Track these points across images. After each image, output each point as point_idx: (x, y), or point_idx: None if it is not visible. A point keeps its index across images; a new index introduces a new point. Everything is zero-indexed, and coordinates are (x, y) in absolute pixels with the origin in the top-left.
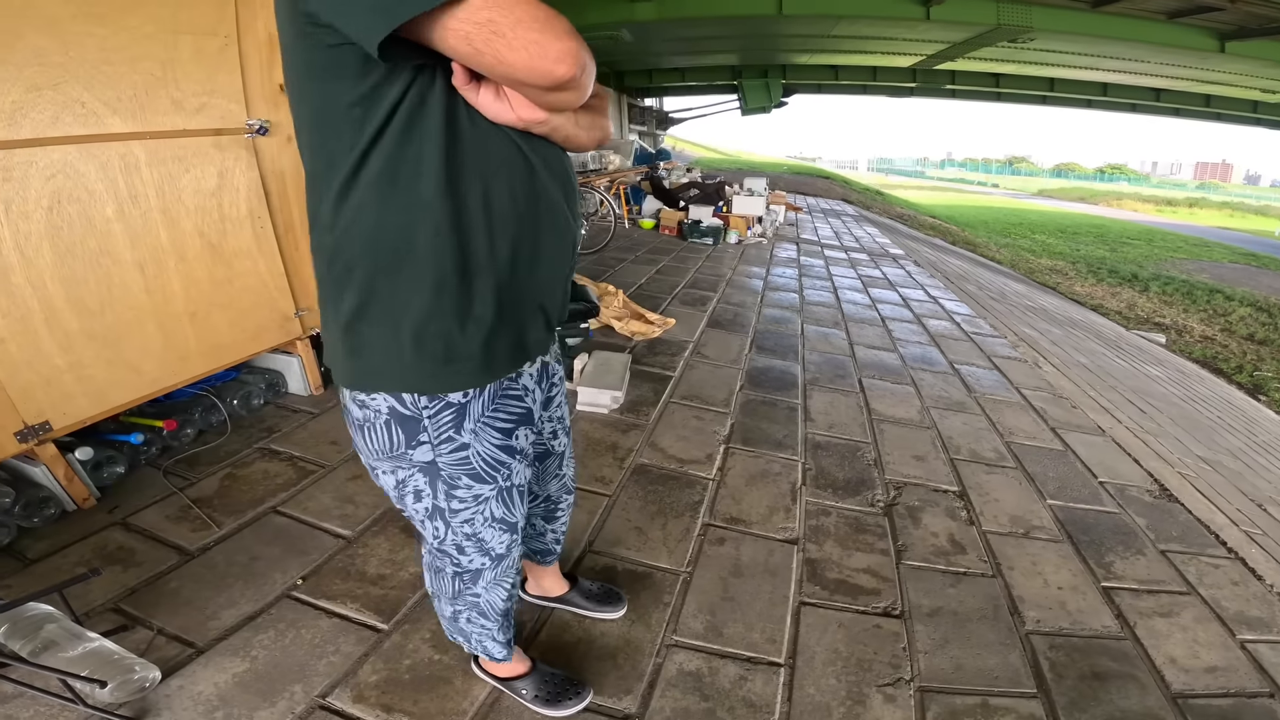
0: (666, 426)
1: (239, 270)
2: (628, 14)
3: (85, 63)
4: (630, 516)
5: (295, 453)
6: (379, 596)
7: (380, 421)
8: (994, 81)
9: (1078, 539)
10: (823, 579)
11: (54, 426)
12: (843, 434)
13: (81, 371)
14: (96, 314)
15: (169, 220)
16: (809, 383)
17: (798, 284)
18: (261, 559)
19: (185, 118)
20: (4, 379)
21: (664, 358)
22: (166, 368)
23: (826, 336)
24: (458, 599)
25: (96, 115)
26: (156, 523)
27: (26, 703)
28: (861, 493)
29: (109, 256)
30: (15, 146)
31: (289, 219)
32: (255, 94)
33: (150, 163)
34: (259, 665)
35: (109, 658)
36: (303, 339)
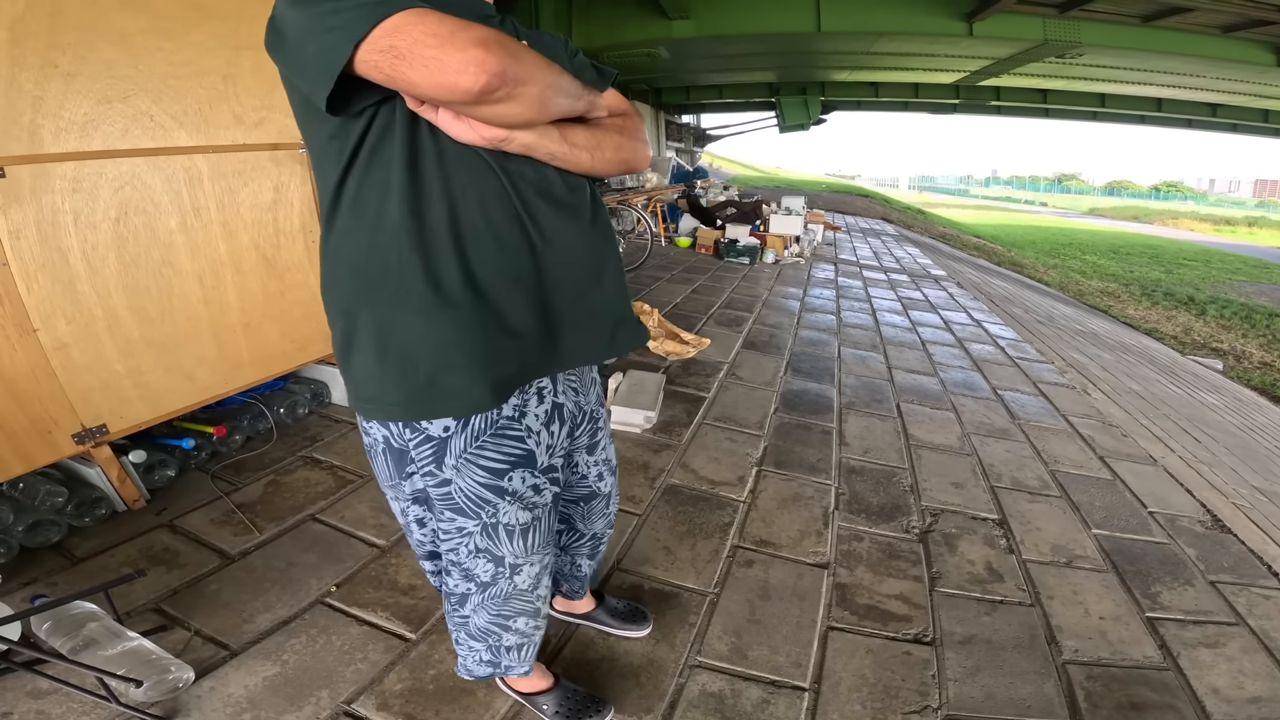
0: (699, 448)
1: (290, 283)
2: (665, 31)
3: (153, 76)
4: (659, 536)
5: (336, 462)
6: (408, 606)
7: (379, 450)
8: (1041, 97)
9: (1123, 569)
10: (852, 604)
11: (111, 430)
12: (878, 459)
13: (140, 378)
14: (157, 322)
15: (228, 233)
16: (845, 407)
17: (835, 305)
18: (298, 565)
19: (245, 132)
20: (65, 383)
21: (698, 378)
22: (219, 376)
23: (864, 360)
24: (450, 617)
25: (164, 128)
26: (201, 526)
27: (61, 699)
28: (896, 519)
29: (171, 267)
30: (86, 158)
31: None
32: None
33: (212, 176)
34: (289, 669)
35: (146, 657)
36: None
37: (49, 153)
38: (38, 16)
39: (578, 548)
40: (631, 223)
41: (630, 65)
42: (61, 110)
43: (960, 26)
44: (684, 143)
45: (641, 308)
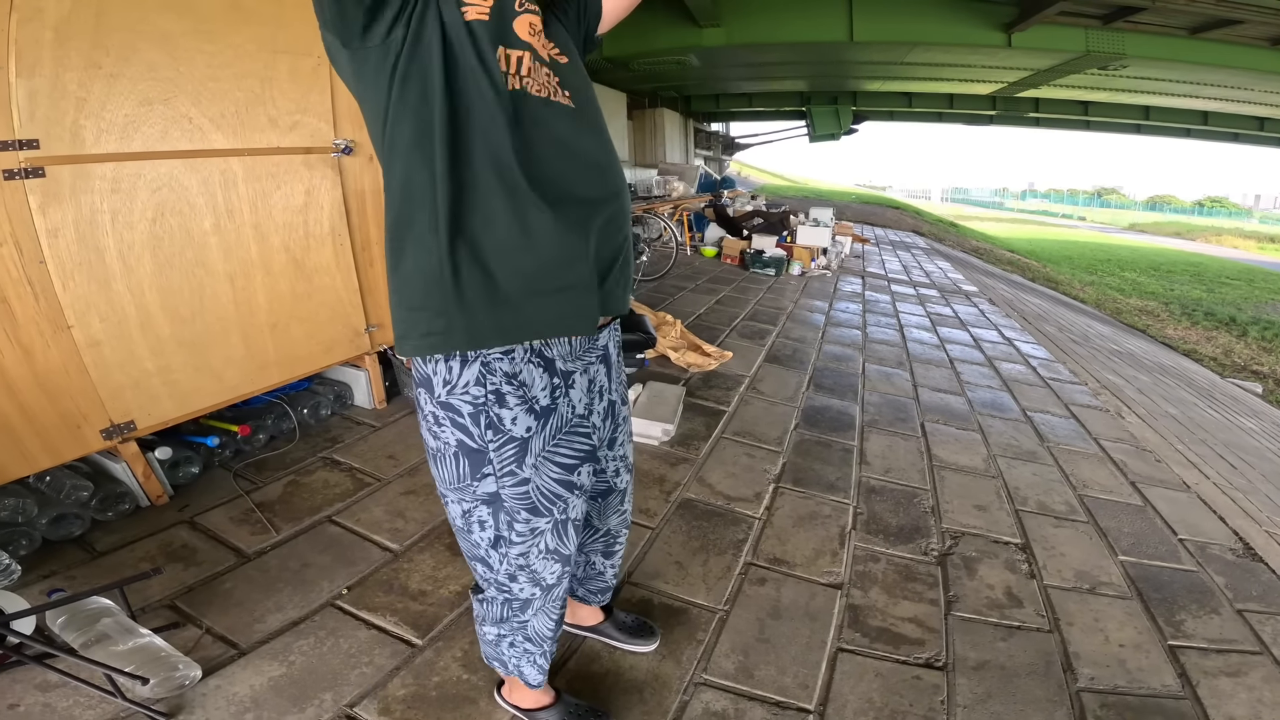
0: (716, 462)
1: (318, 285)
2: (695, 39)
3: (194, 79)
4: (672, 550)
5: (355, 464)
6: (417, 612)
7: (450, 453)
8: (1083, 109)
9: (1148, 596)
10: (864, 626)
11: (139, 426)
12: (899, 479)
13: (169, 375)
14: (188, 322)
15: (259, 235)
16: (867, 424)
17: (861, 320)
18: (312, 566)
19: (279, 135)
20: (97, 380)
21: (719, 391)
22: (246, 375)
23: (889, 377)
24: (503, 624)
25: (202, 130)
26: (221, 524)
27: (68, 693)
28: (915, 540)
29: (203, 268)
30: (126, 159)
31: (366, 237)
32: (342, 114)
33: (247, 178)
34: (295, 671)
35: (156, 654)
36: (371, 354)
37: (90, 153)
38: (83, 17)
39: (593, 544)
40: (657, 231)
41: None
42: (104, 111)
43: (999, 37)
44: (713, 151)
45: (664, 318)
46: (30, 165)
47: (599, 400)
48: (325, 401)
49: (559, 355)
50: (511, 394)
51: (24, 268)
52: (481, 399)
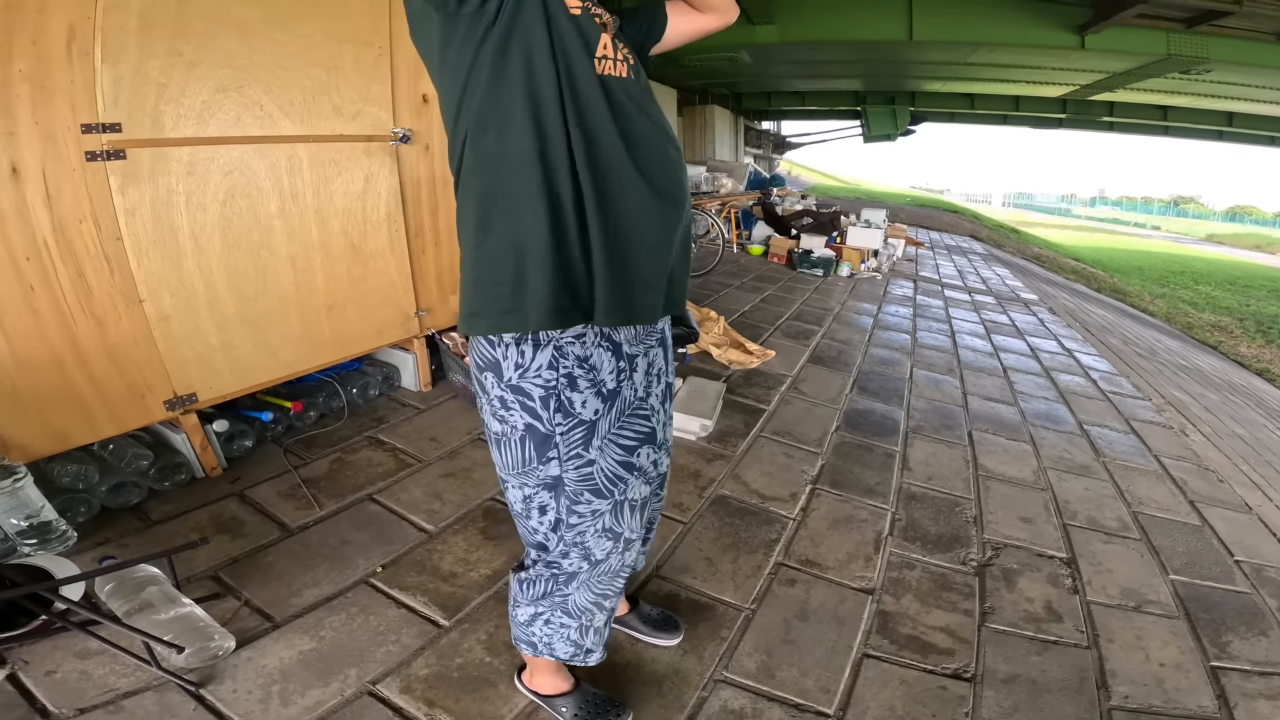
0: (753, 460)
1: (373, 269)
2: (748, 36)
3: (265, 67)
4: (702, 546)
5: (398, 445)
6: (447, 593)
7: (516, 437)
8: (1161, 114)
9: (1196, 616)
10: (893, 633)
11: (200, 399)
12: (942, 487)
13: (231, 351)
14: (251, 300)
15: (320, 219)
16: (911, 430)
17: (911, 325)
18: (350, 543)
19: (343, 123)
20: (164, 352)
21: (759, 390)
22: (302, 354)
23: (937, 383)
24: (543, 599)
25: (271, 117)
26: (268, 497)
27: (106, 660)
28: (954, 549)
29: (268, 249)
30: (201, 144)
31: (419, 224)
32: (402, 103)
33: (311, 164)
34: (324, 646)
35: (194, 624)
36: (419, 337)
37: (168, 137)
38: (166, 5)
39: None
40: (704, 227)
41: (711, 69)
42: (183, 97)
43: (1071, 39)
44: (763, 149)
45: (708, 314)
46: (112, 148)
47: (657, 383)
48: (374, 382)
49: (625, 339)
50: (582, 377)
51: (102, 244)
52: (553, 382)
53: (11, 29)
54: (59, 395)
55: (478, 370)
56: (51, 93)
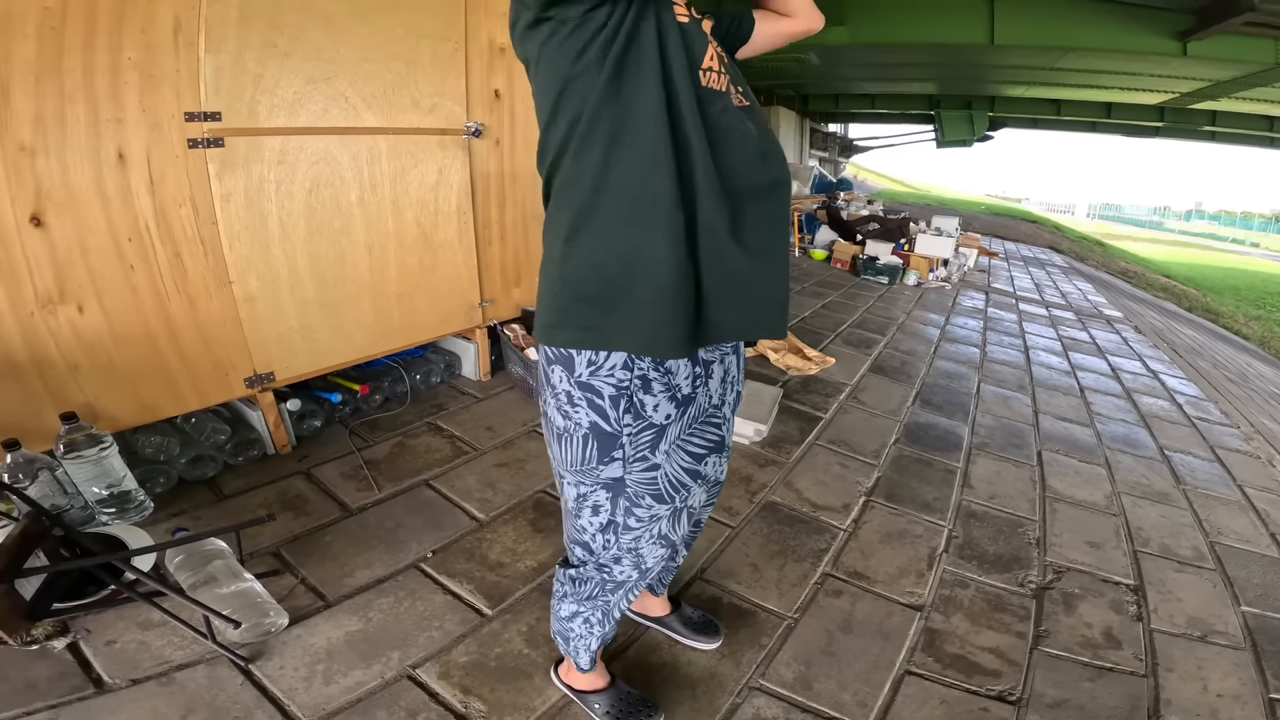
0: (806, 468)
1: (442, 260)
2: (818, 38)
3: (350, 59)
4: (749, 552)
5: (456, 432)
6: (492, 583)
7: (579, 435)
8: (1267, 125)
9: (1263, 648)
10: (939, 651)
11: (277, 378)
12: (1004, 507)
13: (308, 334)
14: (330, 286)
15: (396, 209)
16: (975, 447)
17: (981, 338)
18: (404, 527)
19: (420, 116)
20: (248, 332)
21: (817, 397)
22: (373, 339)
23: (1007, 400)
24: (588, 601)
25: (355, 109)
26: (332, 477)
27: (165, 632)
28: (1012, 570)
29: (347, 237)
30: (292, 134)
31: (486, 216)
32: (475, 98)
33: (389, 156)
34: (371, 627)
35: (253, 599)
36: (482, 328)
37: (263, 127)
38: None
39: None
40: None
41: (778, 70)
42: (277, 88)
43: (1172, 45)
44: (829, 152)
45: None
46: (212, 136)
47: (730, 391)
48: (436, 369)
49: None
50: (657, 380)
51: (198, 228)
52: (626, 383)
53: (123, 17)
54: (150, 369)
55: (546, 363)
56: (159, 81)
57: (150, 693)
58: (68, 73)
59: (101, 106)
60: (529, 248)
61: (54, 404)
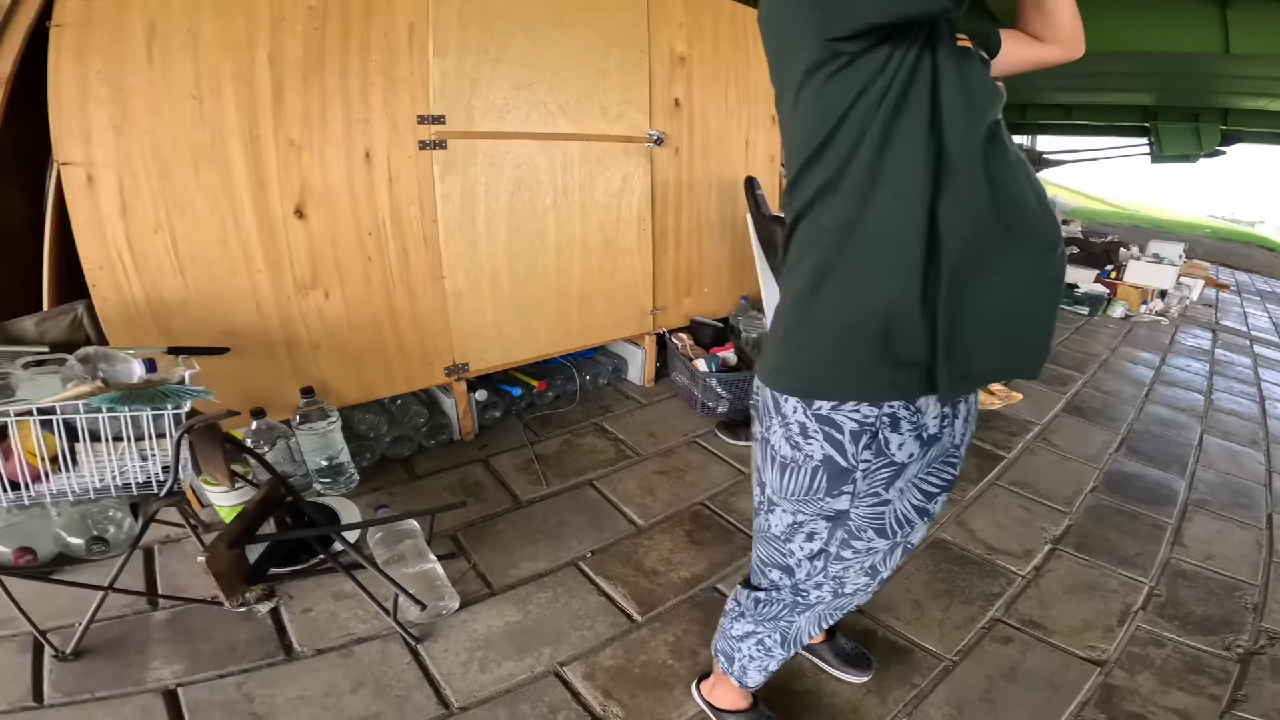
0: (983, 508)
1: (620, 265)
2: None
3: (550, 66)
4: (912, 588)
5: (620, 435)
6: (645, 590)
7: (808, 466)
8: None
9: None
10: (1115, 708)
11: (471, 369)
12: (1221, 568)
13: (501, 329)
14: (522, 285)
15: (583, 214)
16: (1192, 503)
17: (1205, 383)
18: (568, 524)
19: (608, 123)
20: (453, 324)
21: (999, 434)
22: (554, 338)
23: (1235, 455)
24: (769, 622)
25: (552, 115)
26: (507, 468)
27: (352, 605)
28: (1218, 634)
29: (540, 239)
30: (499, 138)
31: (664, 225)
32: (657, 106)
33: (580, 162)
34: (528, 620)
35: (433, 581)
36: (651, 334)
37: (477, 130)
38: (476, 3)
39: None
40: None
41: None
42: (489, 93)
43: None
44: None
45: None
46: (438, 138)
47: (969, 430)
48: (605, 372)
49: None
50: (906, 419)
51: (423, 225)
52: (871, 419)
53: (369, 19)
54: (372, 353)
55: (777, 392)
56: (397, 83)
57: (330, 664)
58: (328, 72)
59: (354, 107)
60: (701, 257)
61: (296, 379)
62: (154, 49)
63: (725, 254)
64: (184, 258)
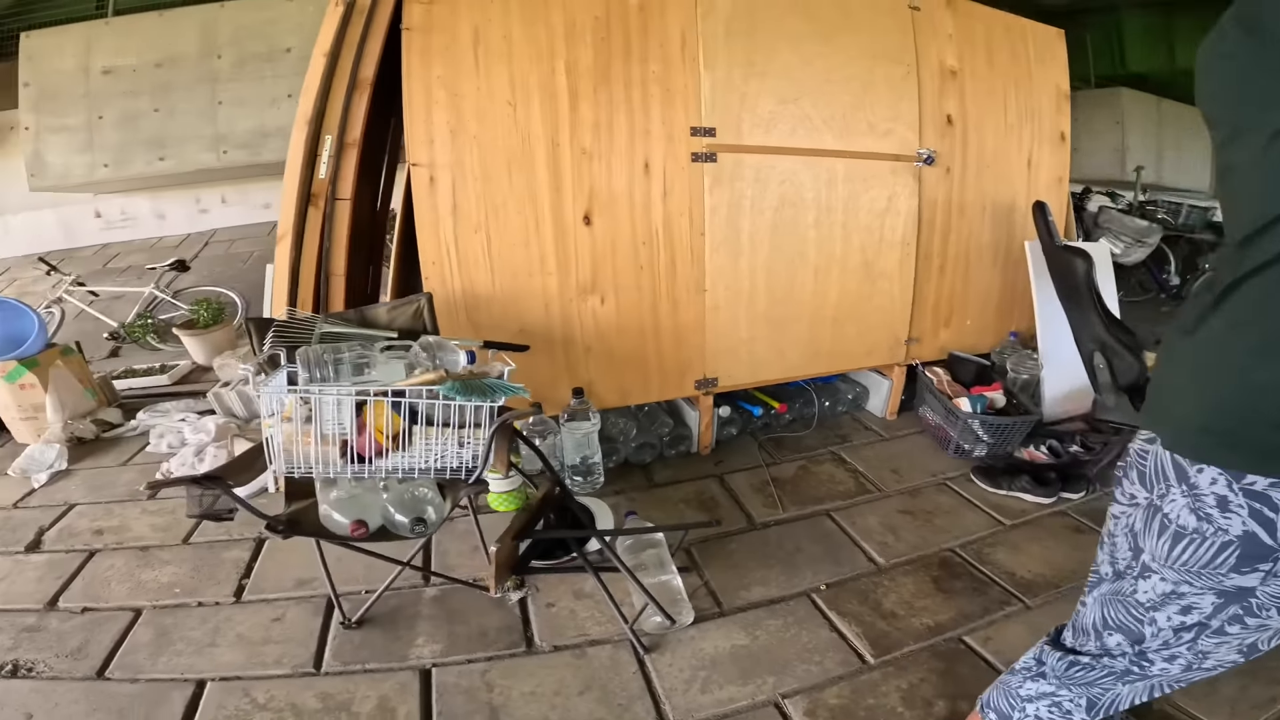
0: None
1: (878, 290)
2: None
3: (814, 80)
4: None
5: (860, 467)
6: (881, 631)
7: (1217, 540)
8: None
9: None
10: None
11: (719, 384)
12: None
13: (752, 346)
14: (778, 303)
15: (844, 234)
16: None
17: None
18: (803, 553)
19: (874, 140)
20: (708, 339)
21: None
22: (803, 360)
23: None
24: (1079, 687)
25: (817, 131)
26: (742, 487)
27: (590, 605)
28: None
29: (800, 258)
30: (766, 152)
31: (929, 249)
32: (927, 123)
33: (845, 180)
34: (755, 646)
35: (674, 594)
36: (901, 365)
37: (745, 144)
38: (741, 15)
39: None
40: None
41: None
42: (756, 106)
43: None
44: None
45: None
46: (708, 151)
47: None
48: (843, 399)
49: None
50: None
51: (691, 237)
52: None
53: (646, 30)
54: (634, 360)
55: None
56: (672, 95)
57: (564, 662)
58: (614, 82)
59: (636, 117)
60: (967, 286)
61: (568, 379)
62: (479, 55)
63: (994, 284)
64: (494, 257)
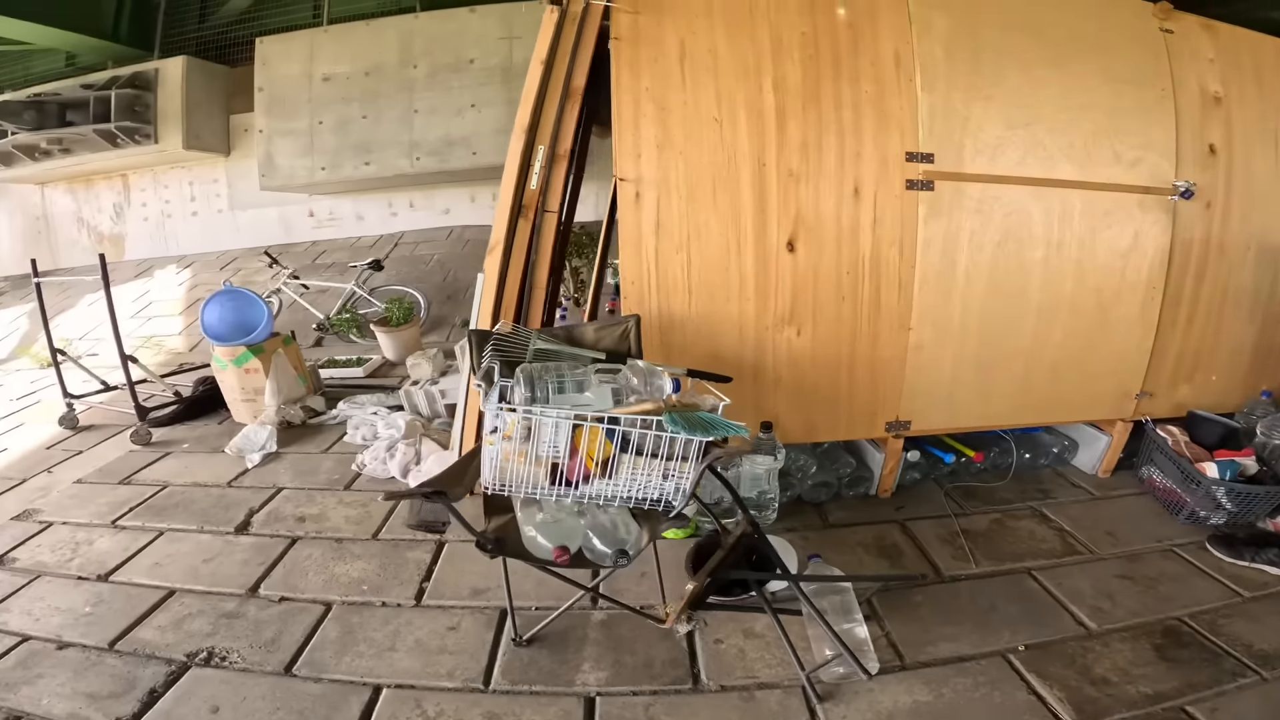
0: None
1: (1112, 336)
2: None
3: (1047, 106)
4: None
5: (1066, 526)
6: (1089, 697)
7: None
8: None
9: None
10: None
11: (911, 427)
12: None
13: (953, 389)
14: (990, 344)
15: (1078, 273)
16: None
17: None
18: (998, 612)
19: (1121, 171)
20: (907, 379)
21: None
22: (1009, 408)
23: None
24: None
25: (1051, 159)
26: (927, 536)
27: (760, 646)
28: None
29: (1021, 297)
30: (990, 181)
31: (1178, 293)
32: (1185, 153)
33: (1082, 214)
34: (939, 705)
35: (859, 643)
36: (1126, 421)
37: (966, 172)
38: (961, 36)
39: None
40: None
41: None
42: (980, 131)
43: None
44: None
45: None
46: (925, 178)
47: None
48: (1047, 451)
49: None
50: None
51: (899, 269)
52: None
53: (856, 49)
54: (824, 395)
55: None
56: (886, 117)
57: (730, 703)
58: (824, 101)
59: (846, 139)
60: (1218, 337)
61: (754, 411)
62: (685, 68)
63: (1248, 336)
64: (693, 279)
